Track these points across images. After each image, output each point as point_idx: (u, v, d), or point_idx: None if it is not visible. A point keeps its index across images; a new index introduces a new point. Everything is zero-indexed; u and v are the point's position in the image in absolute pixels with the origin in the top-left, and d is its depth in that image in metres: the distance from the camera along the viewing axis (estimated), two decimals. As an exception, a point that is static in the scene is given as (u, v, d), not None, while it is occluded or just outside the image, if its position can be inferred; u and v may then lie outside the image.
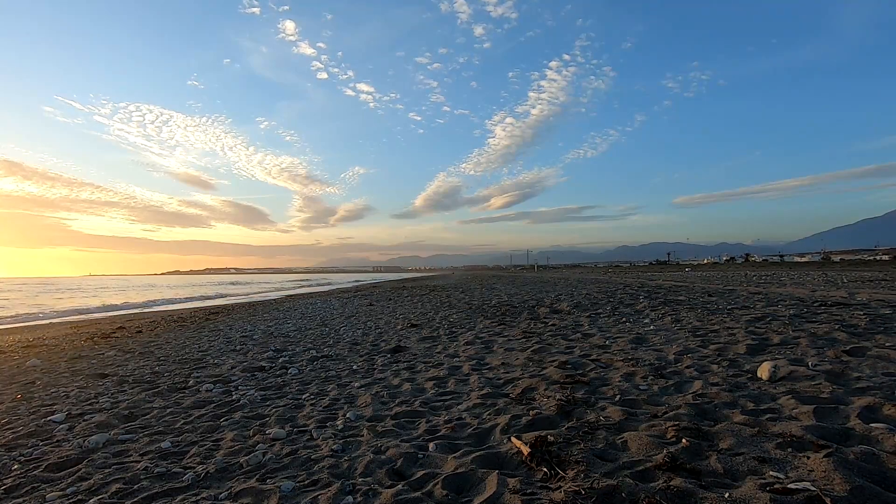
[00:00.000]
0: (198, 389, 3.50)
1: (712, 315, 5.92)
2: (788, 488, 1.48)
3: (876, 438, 1.85)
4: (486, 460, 1.94)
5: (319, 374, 3.86)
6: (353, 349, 5.00)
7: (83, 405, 3.18)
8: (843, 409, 2.20)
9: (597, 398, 2.69)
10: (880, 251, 69.57)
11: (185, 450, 2.30)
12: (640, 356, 3.72)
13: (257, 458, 2.12)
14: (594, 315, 6.57)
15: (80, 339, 6.96)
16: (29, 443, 2.47)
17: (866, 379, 2.71)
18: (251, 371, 4.10)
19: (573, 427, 2.23)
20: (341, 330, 6.62)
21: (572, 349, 4.24)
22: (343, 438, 2.34)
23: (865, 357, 3.25)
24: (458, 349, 4.67)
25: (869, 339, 3.85)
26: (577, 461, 1.83)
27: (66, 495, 1.86)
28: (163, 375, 4.08)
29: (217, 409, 2.98)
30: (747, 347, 3.76)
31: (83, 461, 2.19)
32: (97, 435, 2.50)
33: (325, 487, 1.81)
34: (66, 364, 4.85)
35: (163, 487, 1.89)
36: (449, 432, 2.34)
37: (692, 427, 2.07)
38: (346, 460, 2.05)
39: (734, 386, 2.75)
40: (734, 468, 1.68)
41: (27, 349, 6.10)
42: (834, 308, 6.02)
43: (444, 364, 3.99)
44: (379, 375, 3.72)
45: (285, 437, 2.40)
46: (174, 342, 6.22)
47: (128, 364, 4.69)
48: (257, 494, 1.78)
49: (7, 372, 4.56)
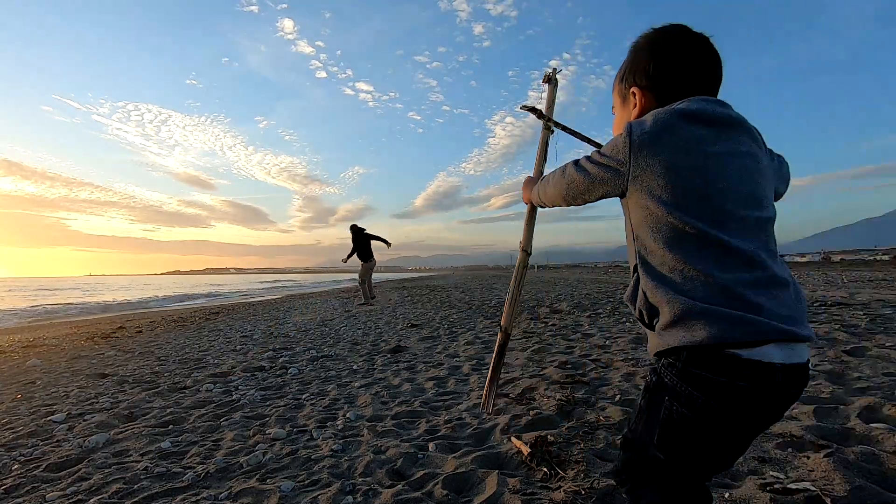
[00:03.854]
0: (198, 389, 3.51)
1: (712, 315, 5.92)
2: (788, 488, 1.48)
3: (876, 438, 1.85)
4: (486, 460, 1.94)
5: (319, 374, 3.86)
6: (353, 349, 5.00)
7: (83, 405, 3.18)
8: (843, 409, 2.20)
9: (597, 398, 2.69)
10: (880, 251, 69.58)
11: (186, 450, 2.30)
12: (640, 356, 3.72)
13: (257, 457, 2.12)
14: (594, 315, 6.57)
15: (80, 339, 6.97)
16: (29, 443, 2.48)
17: (866, 379, 2.71)
18: (251, 371, 4.10)
19: (573, 427, 2.23)
20: (341, 330, 6.62)
21: (572, 349, 4.24)
22: (343, 438, 2.34)
23: (865, 357, 3.25)
24: (458, 349, 4.67)
25: (869, 339, 3.85)
26: (577, 461, 1.83)
27: (66, 495, 1.86)
28: (163, 375, 4.08)
29: (217, 408, 2.98)
30: (747, 347, 3.77)
31: (83, 461, 2.19)
32: (97, 435, 2.51)
33: (325, 487, 1.81)
34: (66, 364, 4.85)
35: (163, 487, 1.89)
36: (449, 432, 2.34)
37: (692, 427, 2.07)
38: (346, 460, 2.06)
39: (734, 386, 2.75)
40: (734, 468, 1.68)
41: (27, 349, 6.10)
42: (834, 308, 6.02)
43: (445, 364, 3.99)
44: (379, 375, 3.72)
45: (285, 437, 2.40)
46: (174, 342, 6.22)
47: (128, 364, 4.69)
48: (257, 494, 1.78)
49: (7, 372, 4.57)
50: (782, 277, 0.86)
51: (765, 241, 0.88)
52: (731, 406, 0.81)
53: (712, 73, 0.98)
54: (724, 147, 0.88)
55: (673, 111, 0.89)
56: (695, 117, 0.88)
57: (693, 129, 0.87)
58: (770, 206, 0.94)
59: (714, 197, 0.85)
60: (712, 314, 0.80)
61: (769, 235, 0.90)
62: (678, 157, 0.86)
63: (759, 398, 0.81)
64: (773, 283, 0.84)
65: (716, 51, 0.98)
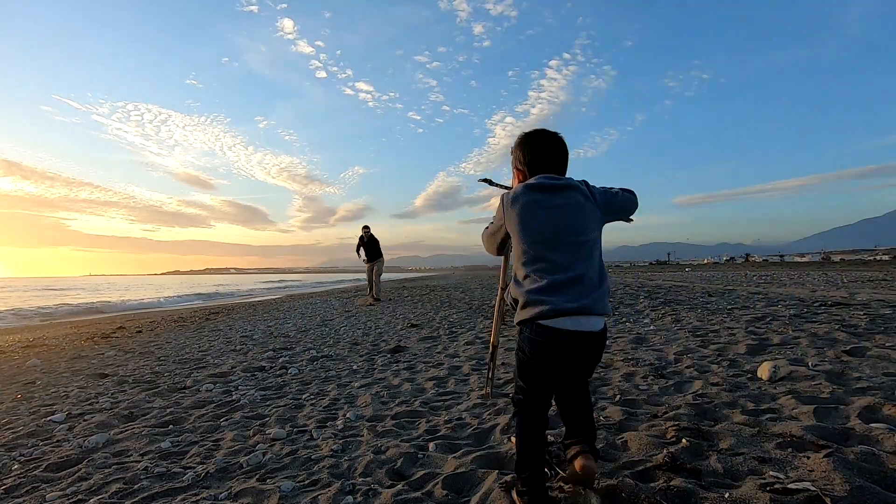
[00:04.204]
0: (198, 389, 3.50)
1: (712, 315, 5.92)
2: (788, 488, 1.48)
3: (876, 438, 1.85)
4: (486, 460, 1.94)
5: (319, 374, 3.86)
6: (353, 349, 5.00)
7: (83, 405, 3.18)
8: (843, 409, 2.20)
9: (597, 398, 2.69)
10: (880, 251, 69.54)
11: (186, 450, 2.30)
12: (640, 356, 3.72)
13: (257, 457, 2.12)
14: (594, 315, 6.56)
15: (80, 339, 6.97)
16: (29, 443, 2.48)
17: (866, 379, 2.71)
18: (251, 371, 4.10)
19: (573, 427, 2.23)
20: (341, 330, 6.62)
21: (572, 349, 4.24)
22: (343, 438, 2.34)
23: (865, 357, 3.25)
24: (458, 349, 4.67)
25: (869, 339, 3.85)
26: (577, 461, 1.83)
27: (66, 495, 1.86)
28: (163, 375, 4.08)
29: (217, 408, 2.98)
30: (747, 347, 3.76)
31: (83, 461, 2.19)
32: (97, 435, 2.51)
33: (325, 487, 1.81)
34: (66, 364, 4.85)
35: (163, 487, 1.89)
36: (449, 432, 2.34)
37: (692, 427, 2.07)
38: (346, 460, 2.06)
39: (734, 386, 2.75)
40: (734, 468, 1.68)
41: (27, 349, 6.10)
42: (834, 308, 6.02)
43: (445, 364, 3.99)
44: (379, 375, 3.72)
45: (285, 437, 2.40)
46: (174, 342, 6.22)
47: (128, 364, 4.69)
48: (257, 494, 1.78)
49: (7, 372, 4.57)
50: (586, 276, 1.44)
51: (580, 255, 1.46)
52: (540, 354, 1.45)
53: (558, 158, 1.58)
54: (552, 202, 1.49)
55: (524, 185, 1.54)
56: (535, 187, 1.52)
57: (533, 194, 1.51)
58: (588, 233, 1.49)
59: (544, 233, 1.47)
60: (537, 302, 1.42)
61: (585, 251, 1.47)
62: (524, 210, 1.50)
63: (552, 350, 1.43)
64: (577, 280, 1.43)
65: (562, 142, 1.59)
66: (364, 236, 11.60)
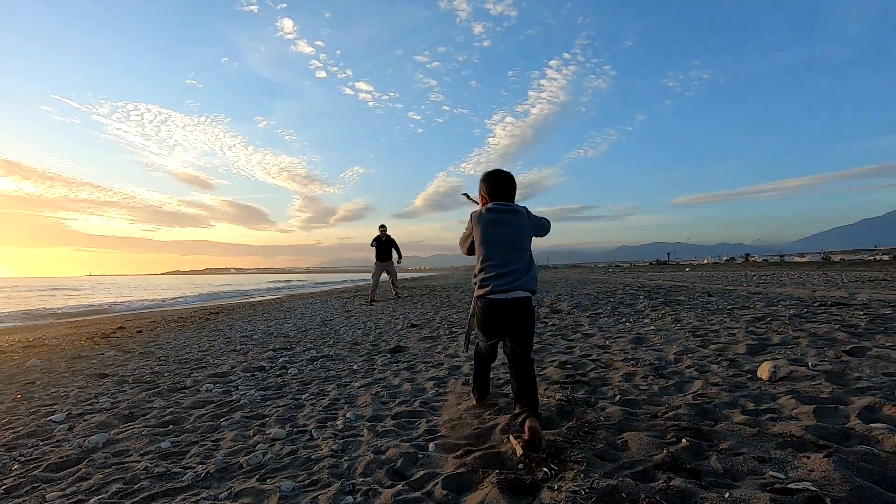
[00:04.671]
0: (198, 389, 3.51)
1: (712, 315, 5.92)
2: (788, 488, 1.48)
3: (876, 438, 1.85)
4: (486, 460, 1.94)
5: (319, 374, 3.87)
6: (353, 349, 5.00)
7: (83, 405, 3.18)
8: (843, 409, 2.20)
9: (597, 398, 2.69)
10: (880, 251, 69.55)
11: (186, 450, 2.30)
12: (640, 356, 3.72)
13: (257, 457, 2.12)
14: (594, 315, 6.57)
15: (80, 339, 6.97)
16: (29, 443, 2.48)
17: (866, 379, 2.71)
18: (251, 371, 4.10)
19: (573, 427, 2.23)
20: (341, 330, 6.62)
21: (572, 349, 4.24)
22: (343, 438, 2.34)
23: (865, 357, 3.25)
24: (458, 349, 4.67)
25: (869, 339, 3.85)
26: (577, 461, 1.83)
27: (66, 495, 1.86)
28: (163, 375, 4.08)
29: (217, 408, 2.98)
30: (747, 347, 3.76)
31: (83, 461, 2.19)
32: (97, 435, 2.50)
33: (325, 487, 1.81)
34: (66, 364, 4.85)
35: (163, 487, 1.89)
36: (449, 432, 2.34)
37: (692, 427, 2.07)
38: (346, 460, 2.06)
39: (734, 386, 2.75)
40: (734, 468, 1.68)
41: (27, 349, 6.10)
42: (834, 308, 6.02)
43: (445, 364, 3.99)
44: (379, 375, 3.72)
45: (285, 437, 2.40)
46: (174, 342, 6.22)
47: (128, 364, 4.70)
48: (257, 494, 1.78)
49: (7, 372, 4.57)
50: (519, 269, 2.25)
51: (517, 257, 2.27)
52: (487, 314, 2.29)
53: (508, 190, 2.38)
54: (502, 220, 2.30)
55: (487, 207, 2.34)
56: (492, 210, 2.32)
57: (489, 215, 2.31)
58: (523, 242, 2.31)
59: (494, 241, 2.29)
60: (486, 284, 2.27)
61: (520, 253, 2.29)
62: (485, 226, 2.31)
63: (493, 312, 2.27)
64: (512, 272, 2.24)
65: (512, 179, 2.39)
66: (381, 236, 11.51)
